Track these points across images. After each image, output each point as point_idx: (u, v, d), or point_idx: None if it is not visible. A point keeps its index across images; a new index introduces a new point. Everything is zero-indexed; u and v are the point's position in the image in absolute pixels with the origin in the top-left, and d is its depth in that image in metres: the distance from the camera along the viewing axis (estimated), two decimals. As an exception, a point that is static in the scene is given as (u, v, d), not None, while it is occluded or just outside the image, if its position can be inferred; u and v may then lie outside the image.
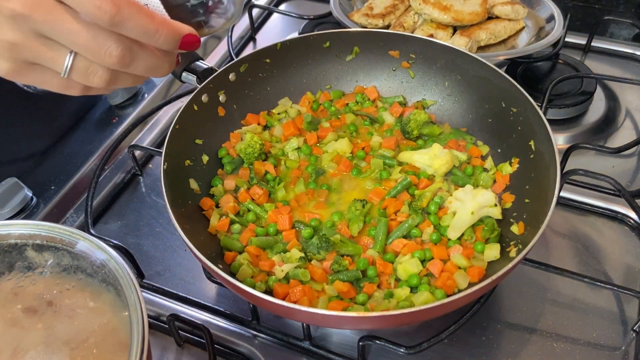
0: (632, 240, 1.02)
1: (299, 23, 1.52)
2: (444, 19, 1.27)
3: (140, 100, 1.29)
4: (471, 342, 0.88)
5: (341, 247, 0.89)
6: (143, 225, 1.07)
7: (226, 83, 1.05)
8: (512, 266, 0.75)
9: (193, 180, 0.97)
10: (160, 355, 0.88)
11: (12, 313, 0.66)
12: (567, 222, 1.04)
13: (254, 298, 0.74)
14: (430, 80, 1.13)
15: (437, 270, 0.86)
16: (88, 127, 1.24)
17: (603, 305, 0.92)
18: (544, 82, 1.28)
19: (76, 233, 0.70)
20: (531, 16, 1.36)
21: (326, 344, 0.88)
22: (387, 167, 1.03)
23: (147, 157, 1.20)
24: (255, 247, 0.90)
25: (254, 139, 1.01)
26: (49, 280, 0.69)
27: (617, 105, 1.29)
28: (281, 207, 0.96)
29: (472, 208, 0.90)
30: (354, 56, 1.15)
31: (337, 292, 0.84)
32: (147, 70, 0.67)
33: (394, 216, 0.95)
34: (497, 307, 0.92)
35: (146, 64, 0.66)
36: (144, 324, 0.62)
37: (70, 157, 1.17)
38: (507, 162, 0.99)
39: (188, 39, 0.66)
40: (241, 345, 0.89)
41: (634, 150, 1.17)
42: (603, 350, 0.87)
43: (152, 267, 0.99)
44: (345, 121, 1.11)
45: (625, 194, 0.98)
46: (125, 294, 0.64)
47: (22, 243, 0.70)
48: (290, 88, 1.14)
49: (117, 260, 0.67)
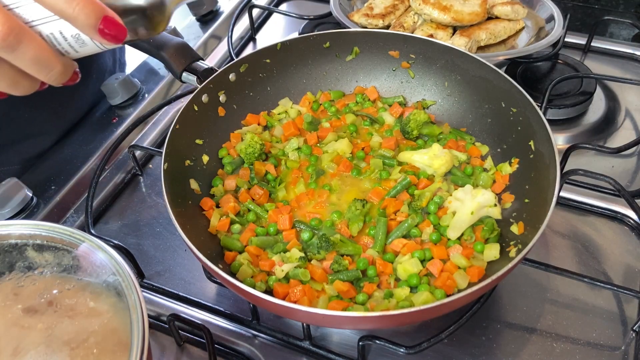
0: (632, 240, 1.02)
1: (299, 23, 1.52)
2: (444, 19, 1.27)
3: (140, 100, 1.29)
4: (471, 342, 0.88)
5: (341, 246, 0.89)
6: (143, 225, 1.07)
7: (226, 83, 1.05)
8: (512, 266, 0.75)
9: (193, 180, 0.97)
10: (160, 355, 0.88)
11: (13, 313, 0.66)
12: (567, 222, 1.04)
13: (254, 298, 0.74)
14: (430, 81, 1.13)
15: (437, 270, 0.86)
16: (88, 127, 1.24)
17: (603, 305, 0.92)
18: (544, 82, 1.28)
19: (76, 233, 0.70)
20: (531, 16, 1.36)
21: (326, 344, 0.88)
22: (386, 167, 1.03)
23: (147, 157, 1.21)
24: (255, 247, 0.90)
25: (254, 139, 1.01)
26: (49, 280, 0.69)
27: (616, 105, 1.29)
28: (282, 207, 0.96)
29: (472, 208, 0.90)
30: (354, 56, 1.15)
31: (337, 292, 0.84)
32: (33, 63, 0.57)
33: (393, 216, 0.95)
34: (497, 307, 0.92)
35: (33, 54, 0.56)
36: (144, 324, 0.62)
37: (70, 157, 1.17)
38: (507, 162, 0.99)
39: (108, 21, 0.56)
40: (241, 345, 0.89)
41: (633, 150, 1.17)
42: (603, 350, 0.87)
43: (152, 267, 0.99)
44: (346, 121, 1.11)
45: (625, 194, 0.98)
46: (126, 294, 0.64)
47: (23, 243, 0.70)
48: (290, 88, 1.14)
49: (118, 260, 0.67)
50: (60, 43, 0.59)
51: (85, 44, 0.60)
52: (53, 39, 0.58)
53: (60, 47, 0.59)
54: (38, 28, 0.57)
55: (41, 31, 0.57)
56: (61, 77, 0.61)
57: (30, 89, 0.61)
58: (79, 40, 0.59)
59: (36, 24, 0.57)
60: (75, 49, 0.60)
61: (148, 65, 1.39)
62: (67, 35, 0.58)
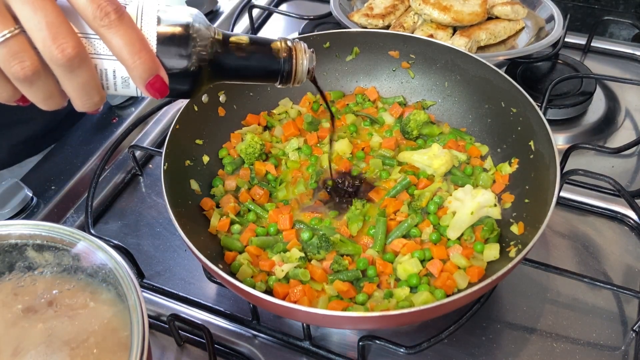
0: (632, 240, 1.02)
1: (299, 23, 1.52)
2: (444, 19, 1.27)
3: (140, 101, 1.29)
4: (471, 342, 0.88)
5: (341, 246, 0.89)
6: (143, 225, 1.07)
7: (226, 83, 1.05)
8: (512, 266, 0.75)
9: (193, 180, 0.97)
10: (160, 355, 0.88)
11: (13, 313, 0.66)
12: (567, 222, 1.04)
13: (254, 298, 0.74)
14: (430, 81, 1.13)
15: (437, 270, 0.86)
16: (88, 127, 1.24)
17: (603, 305, 0.92)
18: (544, 82, 1.28)
19: (76, 233, 0.70)
20: (531, 16, 1.36)
21: (326, 344, 0.88)
22: (386, 167, 1.03)
23: (147, 157, 1.21)
24: (255, 247, 0.90)
25: (254, 140, 1.01)
26: (49, 280, 0.69)
27: (616, 105, 1.29)
28: (282, 207, 0.96)
29: (472, 208, 0.90)
30: (354, 56, 1.15)
31: (337, 292, 0.84)
32: (79, 89, 0.61)
33: (393, 216, 0.95)
34: (497, 307, 0.92)
35: (84, 81, 0.60)
36: (144, 324, 0.62)
37: (70, 157, 1.17)
38: (507, 162, 0.99)
39: (158, 80, 0.62)
40: (241, 345, 0.89)
41: (633, 150, 1.17)
42: (603, 350, 0.87)
43: (152, 267, 0.99)
44: (346, 122, 1.11)
45: (625, 194, 0.98)
46: (126, 294, 0.64)
47: (23, 243, 0.70)
48: (290, 88, 1.13)
49: (117, 261, 0.67)
50: (108, 80, 0.63)
51: (128, 88, 0.64)
52: (104, 75, 0.62)
53: (106, 83, 0.63)
54: (96, 61, 0.61)
55: (97, 64, 0.61)
56: (93, 107, 0.64)
57: (55, 106, 0.64)
58: (124, 83, 0.63)
59: (97, 57, 0.61)
60: (117, 88, 0.64)
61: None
62: (117, 76, 0.63)
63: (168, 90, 0.64)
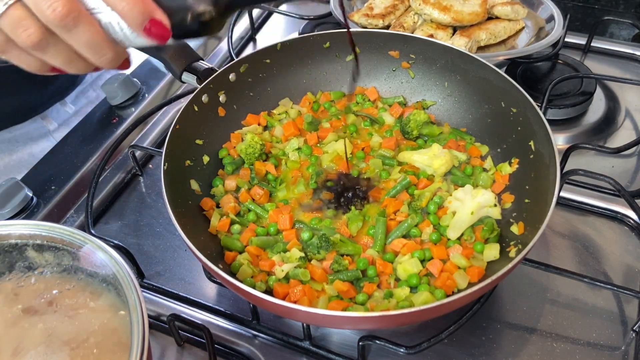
0: (632, 240, 1.02)
1: (299, 23, 1.52)
2: (444, 19, 1.27)
3: (140, 101, 1.29)
4: (471, 342, 0.88)
5: (341, 246, 0.89)
6: (143, 225, 1.07)
7: (226, 83, 1.05)
8: (512, 266, 0.75)
9: (193, 180, 0.97)
10: (160, 355, 0.88)
11: (13, 313, 0.66)
12: (567, 222, 1.04)
13: (254, 298, 0.74)
14: (430, 81, 1.13)
15: (437, 270, 0.86)
16: (88, 127, 1.24)
17: (603, 305, 0.92)
18: (544, 82, 1.28)
19: (76, 233, 0.70)
20: (531, 16, 1.36)
21: (326, 344, 0.88)
22: (386, 167, 1.03)
23: (147, 157, 1.21)
24: (255, 247, 0.90)
25: (254, 140, 1.01)
26: (49, 280, 0.69)
27: (616, 105, 1.29)
28: (282, 207, 0.96)
29: (472, 208, 0.90)
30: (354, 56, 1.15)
31: (337, 292, 0.84)
32: (87, 46, 0.61)
33: (393, 216, 0.95)
34: (497, 307, 0.92)
35: (88, 38, 0.60)
36: (144, 324, 0.62)
37: (70, 157, 1.17)
38: (507, 162, 0.99)
39: (155, 23, 0.61)
40: (241, 345, 0.89)
41: (633, 151, 1.17)
42: (603, 350, 0.87)
43: (152, 267, 0.99)
44: (346, 122, 1.11)
45: (625, 194, 0.98)
46: (126, 294, 0.64)
47: (23, 243, 0.70)
48: (290, 88, 1.14)
49: (118, 260, 0.67)
50: (116, 32, 0.64)
51: (138, 37, 0.64)
52: (110, 28, 0.63)
53: (116, 36, 0.64)
54: (98, 16, 0.62)
55: (100, 19, 0.62)
56: (112, 63, 0.65)
57: (85, 69, 0.66)
58: (132, 33, 0.64)
59: (96, 12, 0.62)
60: (129, 40, 0.65)
61: (148, 65, 1.39)
62: (123, 27, 0.63)
63: (169, 32, 0.63)
